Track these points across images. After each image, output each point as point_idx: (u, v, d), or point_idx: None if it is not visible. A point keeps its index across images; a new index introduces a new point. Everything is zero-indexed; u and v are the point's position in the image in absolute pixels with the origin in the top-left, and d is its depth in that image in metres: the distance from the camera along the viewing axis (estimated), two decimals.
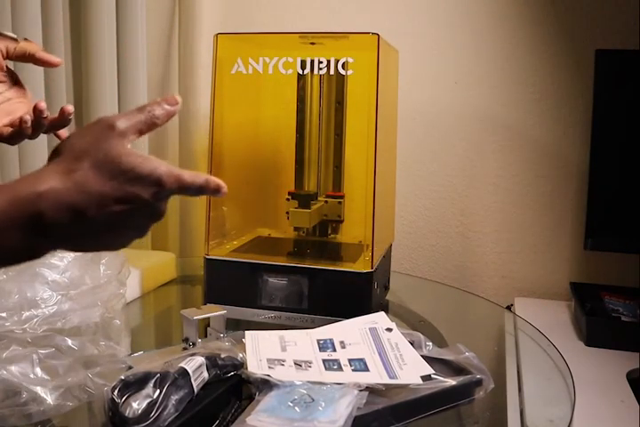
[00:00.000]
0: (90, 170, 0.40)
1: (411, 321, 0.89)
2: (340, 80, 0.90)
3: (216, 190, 0.43)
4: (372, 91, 0.80)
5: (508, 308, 1.13)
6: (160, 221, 0.44)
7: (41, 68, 0.98)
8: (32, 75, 0.95)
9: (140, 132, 0.44)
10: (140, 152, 0.42)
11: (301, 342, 0.68)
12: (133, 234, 0.44)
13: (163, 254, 1.08)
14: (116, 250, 0.47)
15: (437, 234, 1.26)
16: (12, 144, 0.61)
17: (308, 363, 0.63)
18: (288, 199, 0.91)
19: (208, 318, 0.69)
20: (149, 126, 0.44)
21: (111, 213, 0.41)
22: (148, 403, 0.52)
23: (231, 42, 0.85)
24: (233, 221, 0.92)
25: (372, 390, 0.58)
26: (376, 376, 0.61)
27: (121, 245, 0.45)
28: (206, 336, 0.70)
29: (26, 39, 0.60)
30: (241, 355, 0.62)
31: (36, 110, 0.58)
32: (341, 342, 0.68)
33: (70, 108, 0.60)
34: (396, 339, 0.69)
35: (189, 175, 0.42)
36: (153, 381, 0.54)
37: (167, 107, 0.45)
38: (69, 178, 0.40)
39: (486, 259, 1.24)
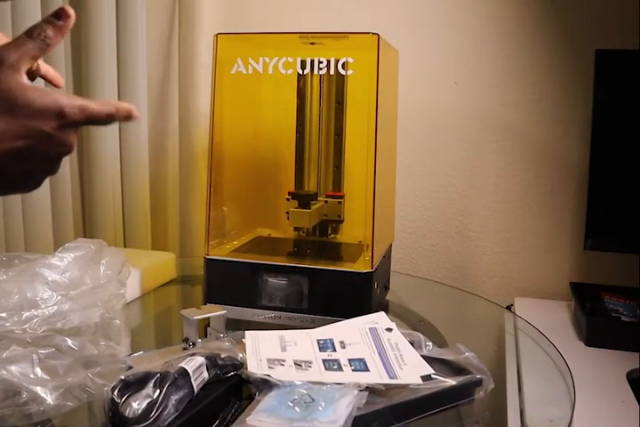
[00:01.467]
0: None
1: (411, 321, 0.89)
2: (340, 80, 0.90)
3: (128, 117, 0.43)
4: (372, 91, 0.80)
5: (508, 308, 1.13)
6: (70, 153, 0.43)
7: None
8: None
9: (34, 59, 0.41)
10: (37, 86, 0.40)
11: (301, 342, 0.68)
12: (43, 169, 0.43)
13: (163, 254, 1.08)
14: (29, 190, 0.45)
15: (437, 234, 1.26)
16: None
17: (308, 363, 0.63)
18: (288, 199, 0.91)
19: (208, 318, 0.69)
20: (43, 50, 0.42)
21: (13, 149, 0.40)
22: (148, 403, 0.52)
23: (231, 42, 0.85)
24: (233, 221, 0.92)
25: (372, 390, 0.58)
26: (376, 376, 0.61)
27: (33, 183, 0.44)
28: (206, 336, 0.70)
29: None
30: (241, 355, 0.62)
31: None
32: (341, 342, 0.68)
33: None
34: (396, 339, 0.69)
35: (96, 104, 0.41)
36: (153, 381, 0.54)
37: (59, 22, 0.41)
38: None
39: (486, 259, 1.24)
